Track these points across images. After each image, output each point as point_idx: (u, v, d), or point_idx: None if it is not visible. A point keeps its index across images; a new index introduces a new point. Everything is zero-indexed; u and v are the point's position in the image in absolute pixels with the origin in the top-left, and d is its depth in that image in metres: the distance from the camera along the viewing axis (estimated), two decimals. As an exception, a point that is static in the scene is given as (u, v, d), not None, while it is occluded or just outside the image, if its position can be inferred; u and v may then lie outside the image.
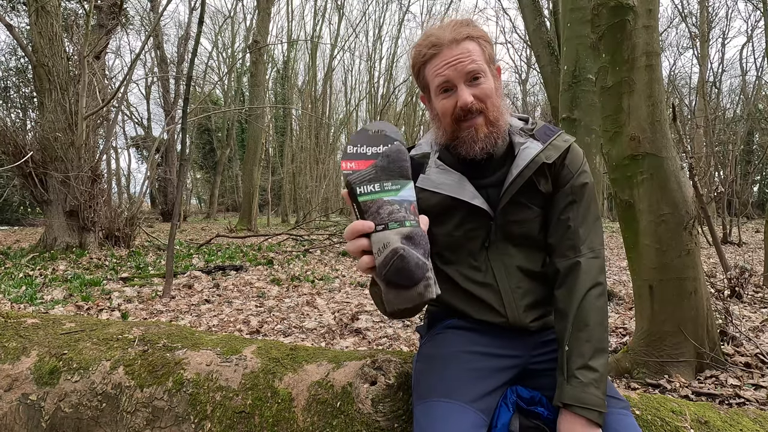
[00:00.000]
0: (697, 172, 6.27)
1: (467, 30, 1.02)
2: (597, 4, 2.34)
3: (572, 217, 1.06)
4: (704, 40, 17.92)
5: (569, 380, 0.95)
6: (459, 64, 1.00)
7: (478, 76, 1.01)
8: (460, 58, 1.00)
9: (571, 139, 1.11)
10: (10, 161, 7.42)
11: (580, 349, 0.97)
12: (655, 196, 2.30)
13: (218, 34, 27.63)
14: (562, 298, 1.03)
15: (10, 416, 1.23)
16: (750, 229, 13.77)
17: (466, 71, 1.00)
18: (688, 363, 2.33)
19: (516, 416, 1.00)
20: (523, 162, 1.03)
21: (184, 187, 6.95)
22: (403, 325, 3.73)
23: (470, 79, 1.01)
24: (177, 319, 3.87)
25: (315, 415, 1.12)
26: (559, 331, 1.02)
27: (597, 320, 0.99)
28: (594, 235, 1.07)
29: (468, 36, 1.01)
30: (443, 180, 1.07)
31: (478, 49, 1.02)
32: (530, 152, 1.04)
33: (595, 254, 1.05)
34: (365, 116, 28.48)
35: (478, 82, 1.02)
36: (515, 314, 1.07)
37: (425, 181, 1.08)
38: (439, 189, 1.06)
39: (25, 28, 12.28)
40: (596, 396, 0.92)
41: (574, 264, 1.04)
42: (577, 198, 1.07)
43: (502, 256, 1.08)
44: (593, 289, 1.01)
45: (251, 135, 15.52)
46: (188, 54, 20.72)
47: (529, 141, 1.07)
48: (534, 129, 1.09)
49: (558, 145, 1.07)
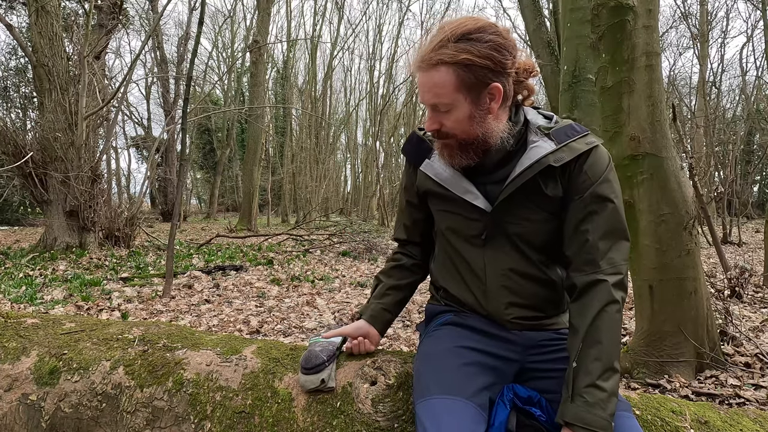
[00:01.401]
0: (697, 172, 6.27)
1: (441, 54, 0.93)
2: (597, 4, 2.34)
3: (591, 230, 0.99)
4: (704, 40, 17.92)
5: (574, 398, 0.92)
6: (423, 95, 0.99)
7: (442, 110, 0.98)
8: (424, 89, 0.98)
9: (597, 141, 1.02)
10: (10, 161, 7.42)
11: (588, 367, 0.92)
12: (655, 196, 2.30)
13: (218, 34, 27.63)
14: (576, 313, 0.99)
15: (10, 416, 1.23)
16: (750, 229, 13.77)
17: (428, 103, 0.99)
18: (688, 363, 2.33)
19: (513, 414, 1.00)
20: (528, 161, 1.00)
21: (184, 187, 6.94)
22: (403, 325, 3.73)
23: (434, 110, 0.99)
24: (177, 319, 3.87)
25: (315, 415, 1.12)
26: (569, 346, 0.99)
27: (610, 338, 0.94)
28: (615, 249, 0.99)
29: (440, 61, 0.94)
30: (441, 171, 1.10)
31: (448, 78, 0.94)
32: (538, 152, 1.00)
33: (615, 270, 0.98)
34: (365, 116, 28.49)
35: (445, 113, 0.98)
36: (495, 309, 1.08)
37: (427, 166, 1.12)
38: (437, 178, 1.10)
39: (25, 28, 12.27)
40: (601, 418, 0.88)
41: (591, 281, 0.98)
42: (598, 208, 0.99)
43: (496, 252, 1.08)
44: (609, 306, 0.96)
45: (251, 135, 15.52)
46: (188, 54, 20.71)
47: (541, 140, 1.01)
48: (552, 128, 1.02)
49: (575, 148, 1.00)
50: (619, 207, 1.02)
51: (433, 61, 0.94)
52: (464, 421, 0.90)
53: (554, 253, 1.08)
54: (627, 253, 1.02)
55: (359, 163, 29.53)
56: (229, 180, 28.84)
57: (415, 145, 1.16)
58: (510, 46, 0.95)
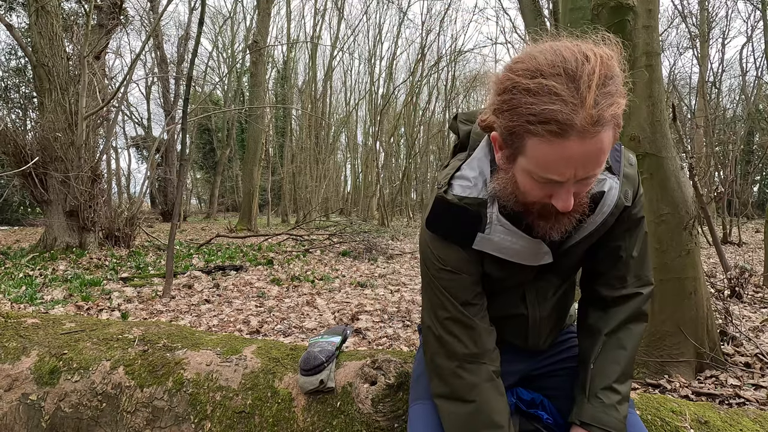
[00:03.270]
0: (697, 172, 6.26)
1: (613, 108, 0.67)
2: (597, 4, 2.34)
3: (624, 247, 0.95)
4: (704, 40, 17.91)
5: (590, 399, 0.92)
6: (583, 170, 0.70)
7: (592, 181, 0.75)
8: (588, 161, 0.69)
9: (633, 158, 0.92)
10: (11, 161, 7.41)
11: (607, 371, 0.93)
12: (655, 195, 2.30)
13: (218, 35, 27.65)
14: (598, 317, 0.98)
15: (10, 416, 1.23)
16: (750, 229, 13.76)
17: (582, 177, 0.72)
18: (688, 363, 2.33)
19: (516, 418, 1.00)
20: (608, 209, 0.87)
21: (184, 187, 6.95)
22: (403, 325, 3.73)
23: (585, 182, 0.75)
24: (177, 319, 3.87)
25: (315, 415, 1.12)
26: (585, 347, 0.98)
27: (632, 346, 0.96)
28: (645, 263, 0.98)
29: (611, 117, 0.68)
30: (509, 244, 0.85)
31: (610, 137, 0.69)
32: (613, 195, 0.87)
33: (642, 283, 0.98)
34: (365, 116, 28.49)
35: (590, 180, 0.75)
36: (537, 343, 1.03)
37: (485, 243, 0.85)
38: (504, 255, 0.87)
39: (25, 28, 12.27)
40: (617, 419, 0.89)
41: (620, 296, 0.97)
42: (632, 225, 0.95)
43: (539, 285, 0.98)
44: (636, 316, 0.97)
45: (251, 135, 15.52)
46: (188, 54, 20.72)
47: (608, 177, 0.87)
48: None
49: (630, 176, 0.90)
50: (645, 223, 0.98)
51: (605, 117, 0.67)
52: None
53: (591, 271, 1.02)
54: (651, 262, 1.01)
55: (359, 163, 29.54)
56: (229, 180, 28.84)
57: (455, 217, 0.85)
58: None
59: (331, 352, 1.21)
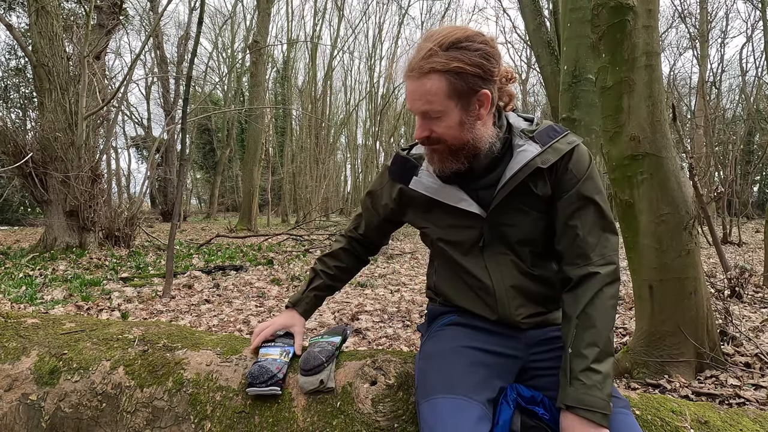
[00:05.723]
0: (697, 172, 6.27)
1: (433, 62, 0.94)
2: (597, 4, 2.34)
3: (581, 225, 1.04)
4: (704, 40, 17.91)
5: (572, 382, 0.95)
6: (414, 102, 0.99)
7: (433, 116, 0.99)
8: (415, 97, 0.98)
9: (577, 140, 1.07)
10: (10, 161, 7.41)
11: (584, 352, 0.97)
12: (655, 195, 2.30)
13: (218, 35, 27.64)
14: (570, 302, 1.03)
15: (10, 416, 1.23)
16: (750, 229, 13.77)
17: (418, 111, 0.99)
18: (688, 363, 2.33)
19: (517, 414, 1.00)
20: (517, 165, 1.03)
21: (184, 187, 6.95)
22: (403, 325, 3.73)
23: (425, 117, 1.00)
24: (177, 319, 3.87)
25: (315, 415, 1.12)
26: (564, 333, 1.02)
27: (603, 323, 0.99)
28: (605, 241, 1.04)
29: (432, 69, 0.94)
30: (431, 184, 1.11)
31: (440, 85, 0.95)
32: (526, 156, 1.03)
33: (606, 261, 1.04)
34: (365, 116, 28.49)
35: (436, 120, 0.99)
36: (507, 312, 1.09)
37: (417, 183, 1.13)
38: (427, 192, 1.11)
39: (24, 28, 12.27)
40: (599, 398, 0.92)
41: (585, 273, 1.03)
42: (585, 205, 1.05)
43: (497, 255, 1.09)
44: (602, 291, 1.01)
45: (251, 135, 15.52)
46: (188, 54, 20.70)
47: (527, 143, 1.05)
48: (535, 131, 1.06)
49: (559, 148, 1.04)
50: (603, 202, 1.06)
51: (424, 69, 0.95)
52: (469, 421, 0.90)
53: (547, 249, 1.12)
54: (617, 245, 1.07)
55: (359, 163, 29.54)
56: (229, 180, 28.85)
57: (401, 165, 1.17)
58: (496, 55, 0.99)
59: (331, 352, 1.22)
